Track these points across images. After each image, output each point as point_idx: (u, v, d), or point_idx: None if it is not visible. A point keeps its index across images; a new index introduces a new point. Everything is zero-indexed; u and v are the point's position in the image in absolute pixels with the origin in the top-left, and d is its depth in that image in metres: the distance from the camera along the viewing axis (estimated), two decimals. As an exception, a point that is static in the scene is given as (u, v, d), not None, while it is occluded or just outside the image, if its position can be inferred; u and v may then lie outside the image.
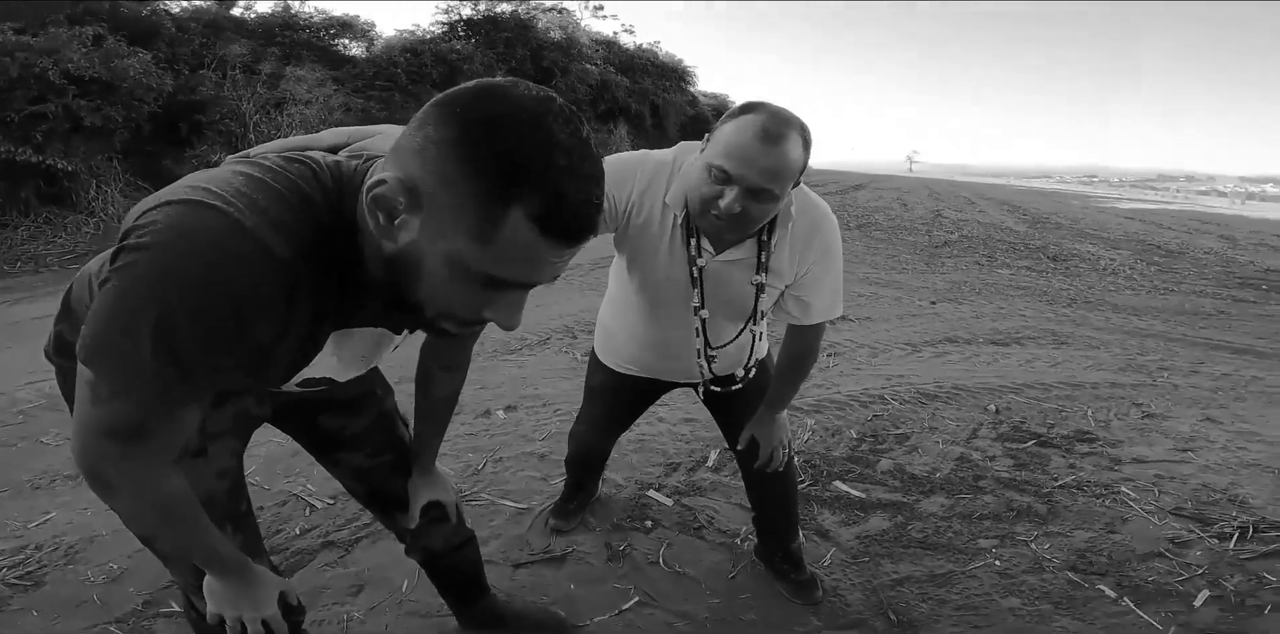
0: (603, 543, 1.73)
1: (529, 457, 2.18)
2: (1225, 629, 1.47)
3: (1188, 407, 2.83)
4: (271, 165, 0.60)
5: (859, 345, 3.68)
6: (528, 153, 0.51)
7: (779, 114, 0.96)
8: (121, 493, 0.66)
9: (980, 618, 1.52)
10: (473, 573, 1.34)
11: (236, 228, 0.53)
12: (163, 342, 0.53)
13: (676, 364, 1.31)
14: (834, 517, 1.89)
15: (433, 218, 0.54)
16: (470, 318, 0.61)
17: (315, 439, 1.05)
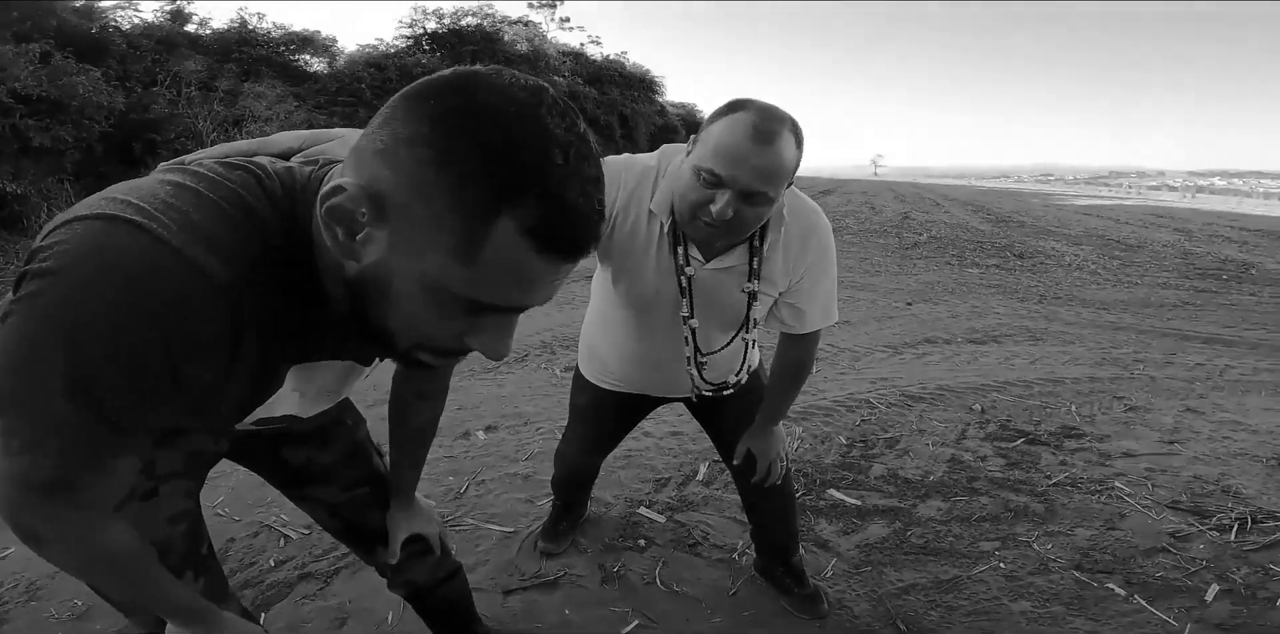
0: (596, 564, 1.65)
1: (513, 478, 2.09)
2: (1241, 623, 1.44)
3: (1167, 398, 2.85)
4: (208, 172, 0.50)
5: (840, 350, 3.66)
6: (518, 152, 0.42)
7: (769, 111, 0.90)
8: (54, 547, 0.57)
9: (992, 623, 1.48)
10: (462, 605, 1.24)
11: (160, 247, 0.43)
12: (79, 388, 0.44)
13: (666, 378, 1.24)
14: (831, 526, 1.84)
15: (403, 232, 0.44)
16: (451, 347, 0.52)
17: (281, 474, 0.96)
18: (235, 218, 0.48)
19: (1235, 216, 18.62)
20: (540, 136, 0.42)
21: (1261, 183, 54.85)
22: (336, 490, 0.97)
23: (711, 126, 0.93)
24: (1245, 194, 37.57)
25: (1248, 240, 11.74)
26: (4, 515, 0.53)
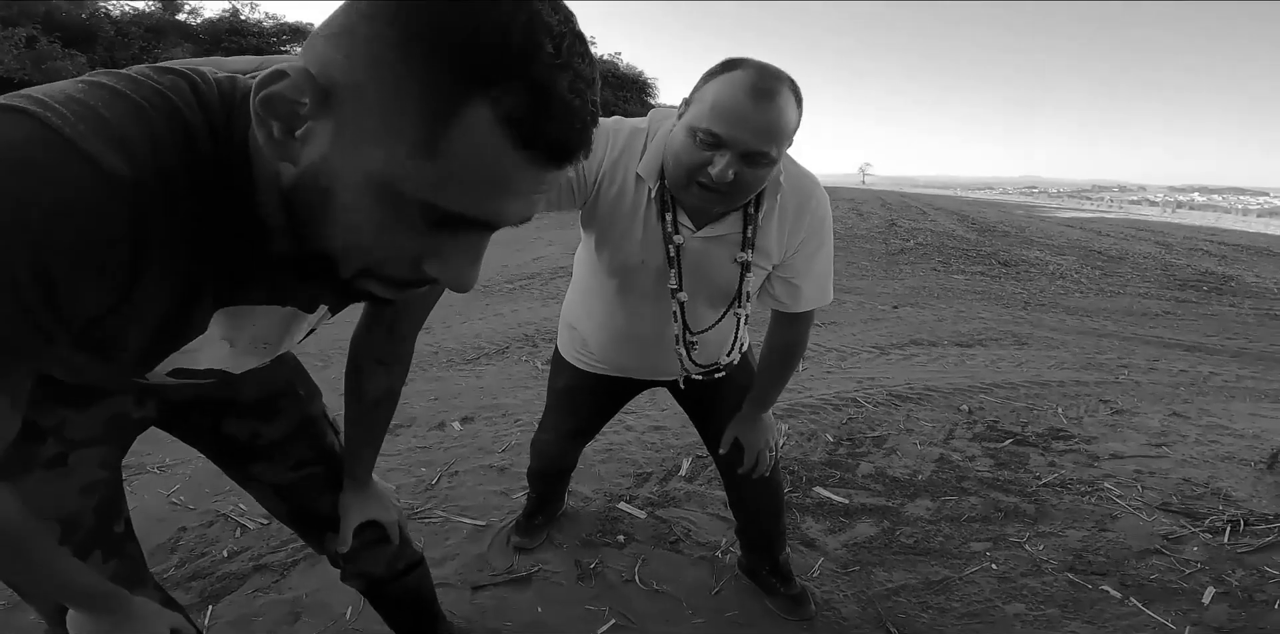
0: (572, 561, 1.57)
1: (488, 470, 2.00)
2: (1240, 626, 1.40)
3: (1152, 402, 2.83)
4: (133, 74, 0.43)
5: (827, 349, 3.62)
6: (502, 33, 0.35)
7: (767, 68, 0.85)
8: None
9: (986, 626, 1.42)
10: (423, 600, 1.15)
11: (50, 135, 0.36)
12: None
13: (650, 359, 1.17)
14: (818, 524, 1.77)
15: (353, 121, 0.37)
16: (403, 275, 0.44)
17: (222, 450, 0.86)
18: (154, 119, 0.40)
19: (1214, 231, 19.01)
20: (530, 21, 0.36)
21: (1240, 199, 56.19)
22: (284, 470, 0.87)
23: (706, 86, 0.86)
24: (1224, 210, 38.41)
25: (1226, 254, 11.97)
26: None
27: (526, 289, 5.12)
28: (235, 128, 0.44)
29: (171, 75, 0.44)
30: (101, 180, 0.37)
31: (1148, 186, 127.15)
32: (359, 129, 0.37)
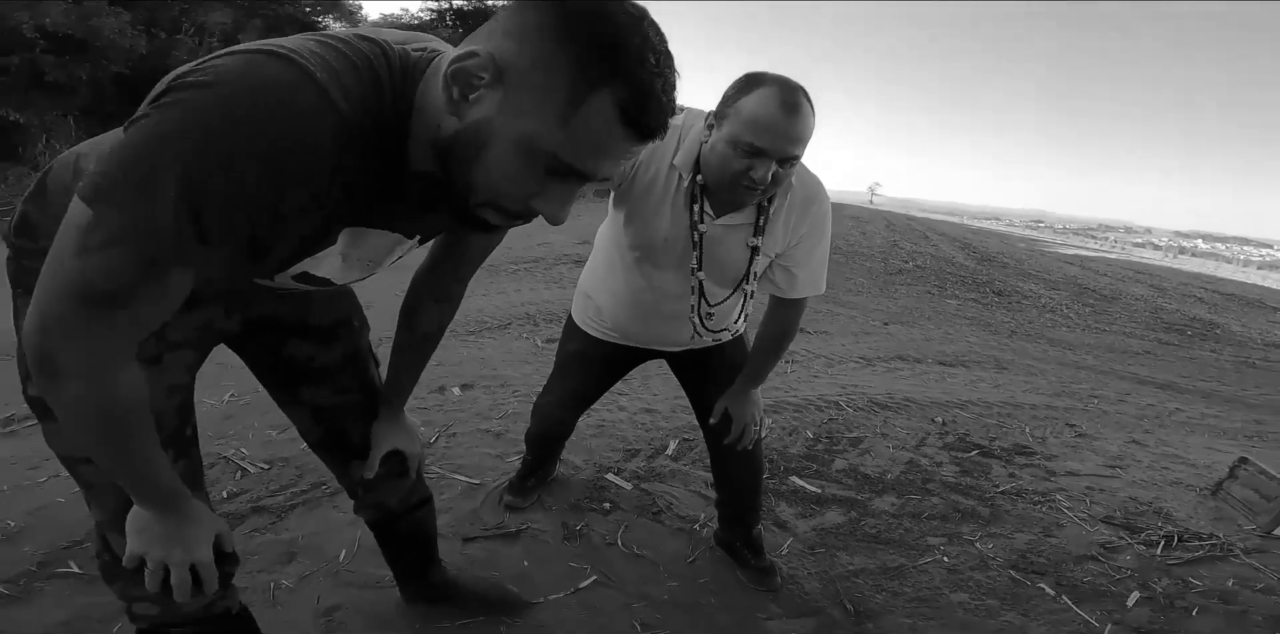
0: (559, 522, 1.70)
1: (484, 434, 2.13)
2: (1157, 629, 1.53)
3: (1115, 430, 2.98)
4: (347, 38, 0.58)
5: (816, 356, 3.76)
6: (625, 45, 0.52)
7: (788, 83, 0.99)
8: (68, 382, 0.56)
9: (932, 610, 1.55)
10: (425, 538, 1.26)
11: (307, 79, 0.51)
12: (189, 190, 0.48)
13: (656, 327, 1.31)
14: (791, 509, 1.91)
15: (515, 95, 0.53)
16: (518, 208, 0.60)
17: (278, 369, 0.96)
18: (364, 76, 0.56)
19: (1211, 279, 19.27)
20: (642, 42, 0.53)
21: (1244, 249, 56.53)
22: (329, 392, 0.98)
23: (739, 103, 1.01)
24: (1226, 259, 38.79)
25: (1218, 303, 12.18)
26: (32, 339, 0.54)
27: (531, 272, 5.26)
28: (406, 88, 0.59)
29: (369, 42, 0.59)
30: (335, 118, 0.52)
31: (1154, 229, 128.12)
32: (519, 100, 0.53)
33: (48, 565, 1.46)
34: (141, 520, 0.71)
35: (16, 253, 0.72)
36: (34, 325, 0.54)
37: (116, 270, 0.52)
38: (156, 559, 0.72)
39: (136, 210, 0.49)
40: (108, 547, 0.78)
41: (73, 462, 0.75)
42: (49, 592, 1.38)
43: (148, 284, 0.53)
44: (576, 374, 1.50)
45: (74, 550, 1.51)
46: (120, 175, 0.49)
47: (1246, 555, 1.86)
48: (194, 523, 0.73)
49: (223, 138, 0.48)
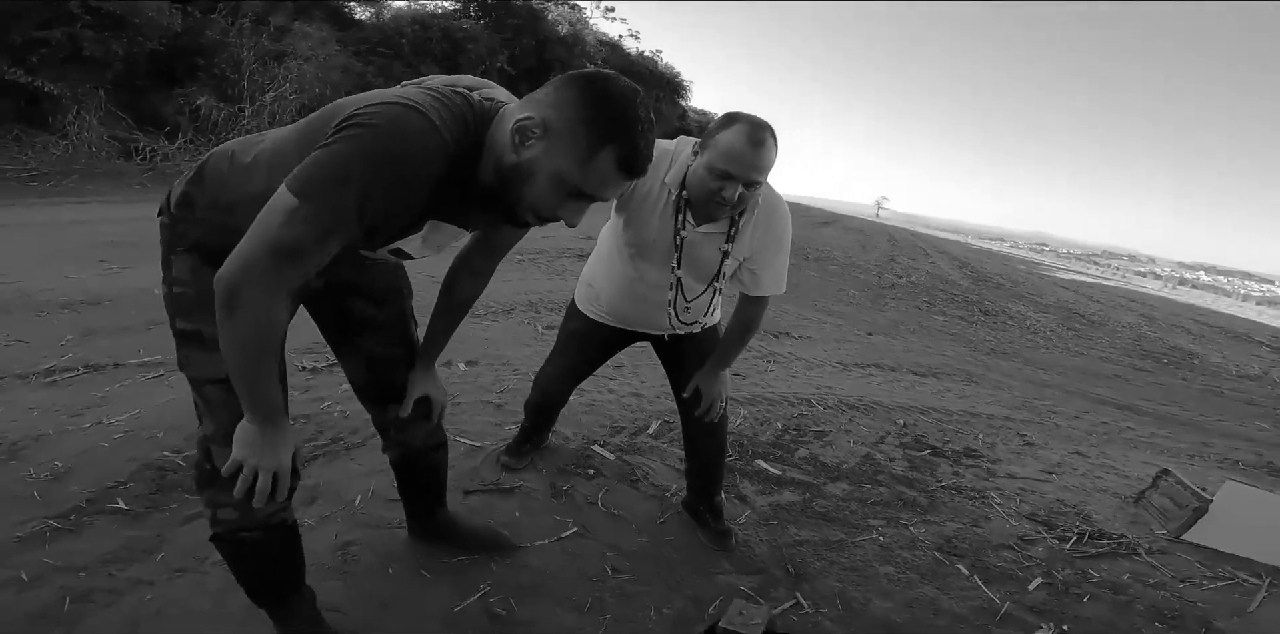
0: (549, 483, 1.96)
1: (486, 404, 2.39)
2: (1048, 609, 1.77)
3: (1062, 442, 3.24)
4: (448, 94, 0.87)
5: (797, 358, 4.02)
6: (623, 118, 0.83)
7: (757, 122, 1.26)
8: (244, 307, 0.81)
9: (861, 578, 1.80)
10: (438, 479, 1.51)
11: (432, 126, 0.81)
12: (362, 193, 0.78)
13: (644, 312, 1.58)
14: (753, 487, 2.17)
15: (553, 146, 0.84)
16: (548, 215, 0.89)
17: (342, 321, 1.21)
18: (459, 121, 0.85)
19: (1204, 312, 19.50)
20: (634, 116, 0.84)
21: (1245, 283, 56.42)
22: (380, 345, 1.24)
23: (717, 136, 1.27)
24: (1226, 292, 38.91)
25: (1204, 334, 12.41)
26: (229, 280, 0.79)
27: (535, 263, 5.52)
28: (480, 129, 0.88)
29: (460, 97, 0.88)
30: (443, 150, 0.81)
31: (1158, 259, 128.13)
32: (555, 150, 0.83)
33: (95, 502, 1.66)
34: (247, 433, 0.95)
35: (174, 220, 0.99)
36: (236, 268, 0.80)
37: (304, 237, 0.79)
38: (252, 465, 0.95)
39: (328, 202, 0.78)
40: (209, 458, 1.02)
41: (202, 382, 1.00)
42: (97, 526, 1.58)
43: (318, 248, 0.81)
44: (574, 350, 1.77)
45: (118, 489, 1.72)
46: (320, 179, 0.78)
47: (1148, 555, 2.12)
48: (284, 436, 0.97)
49: (384, 162, 0.78)
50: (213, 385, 0.99)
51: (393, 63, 11.16)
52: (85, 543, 1.52)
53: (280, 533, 1.11)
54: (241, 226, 0.85)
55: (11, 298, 3.27)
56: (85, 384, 2.40)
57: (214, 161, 0.98)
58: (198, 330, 0.97)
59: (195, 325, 0.98)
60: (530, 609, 1.47)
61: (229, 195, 0.94)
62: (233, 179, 0.95)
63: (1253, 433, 4.51)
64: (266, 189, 0.84)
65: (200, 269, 0.96)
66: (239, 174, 0.94)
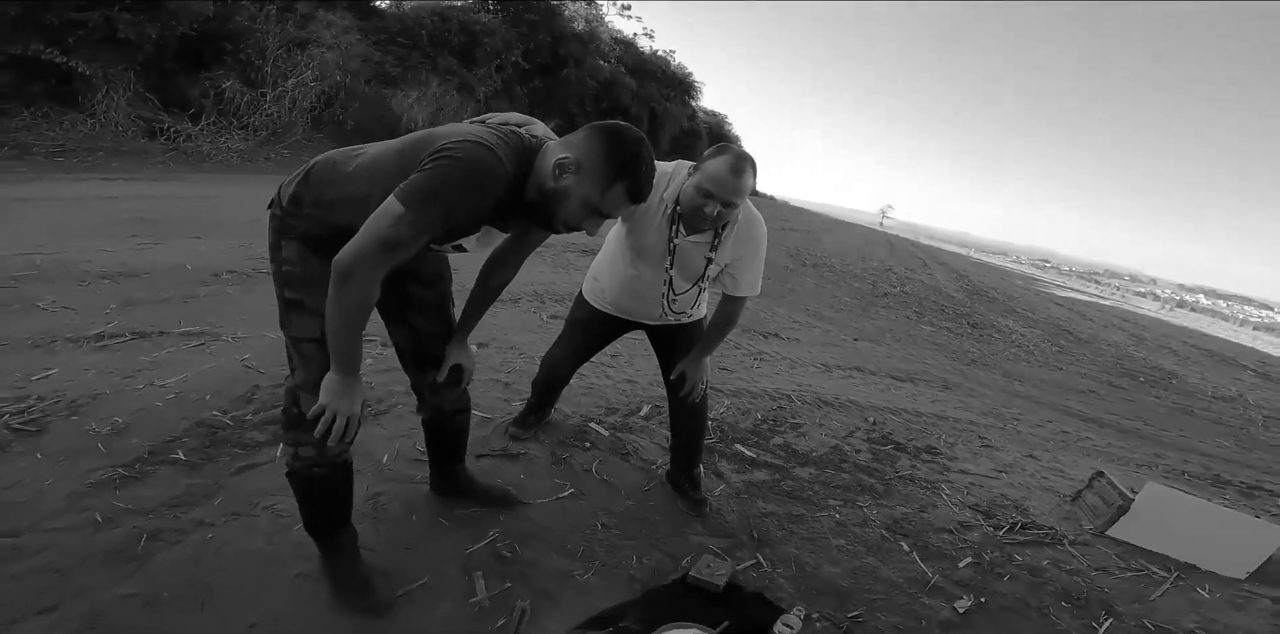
0: (550, 452, 2.24)
1: (495, 383, 2.67)
2: (971, 583, 2.01)
3: (1019, 446, 3.52)
4: (507, 132, 1.17)
5: (783, 358, 4.29)
6: (633, 161, 1.16)
7: (740, 154, 1.55)
8: (353, 283, 1.09)
9: (815, 547, 2.07)
10: (461, 438, 1.80)
11: (498, 159, 1.10)
12: (447, 203, 1.07)
13: (641, 304, 1.86)
14: (729, 466, 2.45)
15: (582, 179, 1.16)
16: (575, 226, 1.19)
17: (398, 300, 1.50)
18: (515, 155, 1.14)
19: (1195, 334, 19.70)
20: (643, 158, 1.13)
21: (1244, 308, 56.22)
22: (424, 320, 1.53)
23: (707, 163, 1.56)
24: (1223, 316, 39.01)
25: (1190, 356, 12.62)
26: (346, 260, 1.07)
27: (541, 256, 5.80)
28: (529, 160, 1.16)
29: (515, 135, 1.17)
30: (505, 179, 1.10)
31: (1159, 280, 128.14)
32: (583, 182, 1.14)
33: (156, 454, 1.91)
34: (332, 383, 1.22)
35: (284, 214, 1.27)
36: (352, 254, 1.07)
37: (404, 236, 1.07)
38: (333, 409, 1.22)
39: (424, 212, 1.06)
40: (296, 403, 1.30)
41: (301, 341, 1.27)
42: (160, 475, 1.82)
43: (412, 244, 1.09)
44: (579, 335, 2.06)
45: (175, 443, 1.97)
46: (420, 195, 1.06)
47: (1071, 546, 2.37)
48: (359, 388, 1.25)
49: (464, 187, 1.07)
50: (309, 343, 1.27)
51: (411, 53, 11.42)
52: (151, 489, 1.76)
53: (342, 471, 1.39)
54: (339, 221, 1.16)
55: (53, 268, 3.54)
56: (133, 349, 2.66)
57: (319, 168, 1.25)
58: (300, 299, 1.26)
59: (299, 296, 1.26)
60: (531, 553, 1.75)
61: (331, 194, 1.22)
62: (335, 183, 1.22)
63: (1210, 449, 4.78)
64: (365, 194, 1.14)
65: (305, 253, 1.24)
66: (341, 180, 1.22)
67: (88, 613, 1.34)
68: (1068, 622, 1.90)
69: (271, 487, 1.82)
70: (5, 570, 1.41)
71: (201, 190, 6.58)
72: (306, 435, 1.28)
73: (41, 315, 2.88)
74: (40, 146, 7.11)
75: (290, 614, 1.42)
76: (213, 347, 2.78)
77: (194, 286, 3.57)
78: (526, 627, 1.48)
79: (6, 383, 2.21)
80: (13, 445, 1.85)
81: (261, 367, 2.59)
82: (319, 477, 1.35)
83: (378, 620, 1.44)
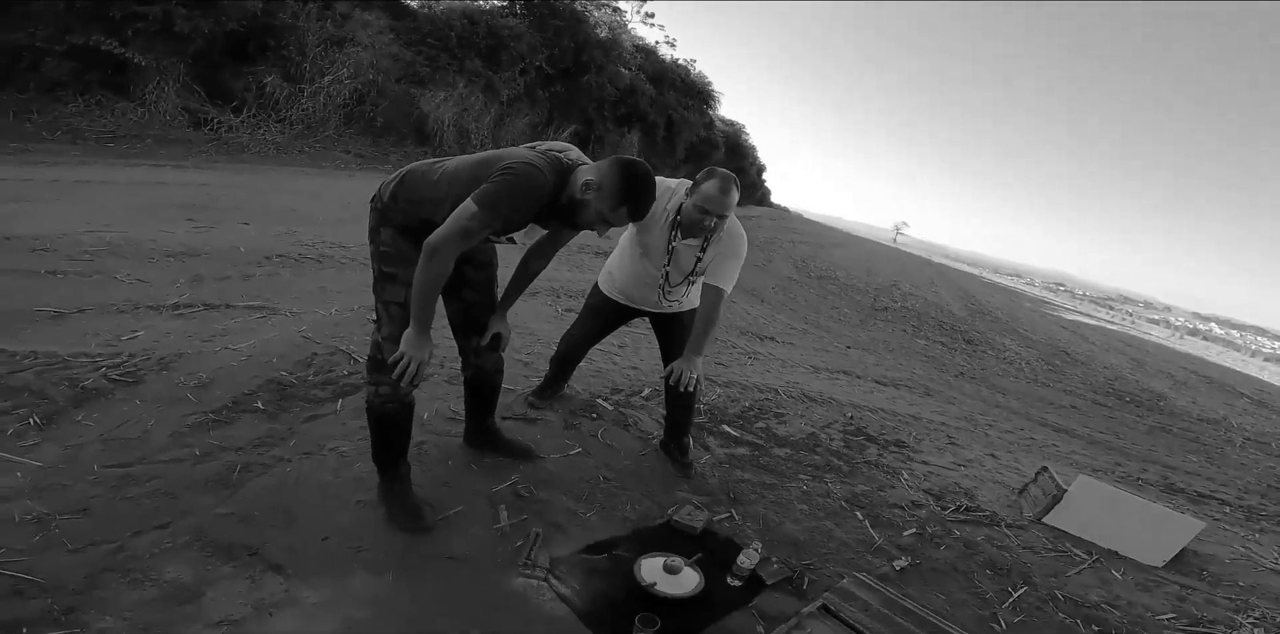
0: (562, 419, 2.63)
1: (517, 362, 3.07)
2: (910, 548, 2.36)
3: (984, 446, 3.87)
4: (552, 157, 1.57)
5: (775, 359, 4.67)
6: (637, 193, 1.57)
7: (725, 176, 1.96)
8: (438, 259, 1.50)
9: (781, 509, 2.44)
10: (494, 395, 2.19)
11: (544, 177, 1.51)
12: (508, 207, 1.47)
13: (645, 293, 2.27)
14: (715, 442, 2.83)
15: (600, 196, 1.56)
16: (589, 228, 1.59)
17: (457, 278, 1.87)
18: (556, 174, 1.55)
19: (1199, 362, 19.66)
20: (646, 189, 1.55)
21: (1258, 339, 55.16)
22: (475, 295, 1.94)
23: (702, 186, 1.97)
24: (1235, 346, 38.63)
25: (1188, 381, 12.65)
26: (435, 241, 1.48)
27: (559, 256, 6.20)
28: (566, 177, 1.58)
29: (558, 158, 1.59)
30: (548, 191, 1.53)
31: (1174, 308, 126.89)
32: (600, 199, 1.57)
33: (238, 404, 2.29)
34: (411, 337, 1.62)
35: (384, 208, 1.70)
36: (439, 238, 1.49)
37: (475, 227, 1.48)
38: (409, 356, 1.61)
39: (490, 210, 1.47)
40: (379, 351, 1.70)
41: (389, 303, 1.67)
42: (244, 420, 2.20)
43: (480, 233, 1.50)
44: (593, 317, 2.48)
45: (253, 396, 2.36)
46: (488, 199, 1.47)
47: (1007, 528, 2.71)
48: (429, 342, 1.64)
49: (519, 196, 1.48)
50: (396, 306, 1.68)
51: (440, 54, 11.88)
52: (237, 431, 2.15)
53: (408, 409, 1.79)
54: (423, 215, 1.60)
55: (123, 244, 3.97)
56: (206, 318, 3.07)
57: (411, 175, 1.69)
58: (394, 273, 1.67)
59: (394, 270, 1.67)
60: (545, 495, 2.13)
61: (419, 194, 1.65)
62: (423, 187, 1.65)
63: (1176, 462, 5.09)
64: (445, 196, 1.57)
65: (398, 238, 1.67)
66: (428, 184, 1.65)
67: (195, 527, 1.66)
68: (987, 585, 2.24)
69: (334, 433, 2.22)
70: (124, 493, 1.76)
71: (242, 180, 7.02)
72: (386, 377, 1.67)
73: (121, 286, 3.30)
74: (92, 132, 7.59)
75: (355, 530, 1.78)
76: (273, 319, 3.19)
77: (249, 267, 3.99)
78: (539, 548, 1.86)
79: (101, 340, 2.62)
80: (115, 393, 2.24)
81: (317, 338, 2.98)
82: (391, 412, 1.75)
83: (424, 537, 1.81)
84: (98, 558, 1.52)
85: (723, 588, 1.84)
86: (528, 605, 1.63)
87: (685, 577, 1.78)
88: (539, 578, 1.70)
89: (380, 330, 1.70)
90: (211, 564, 1.56)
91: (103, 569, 1.49)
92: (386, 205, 1.68)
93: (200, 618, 1.41)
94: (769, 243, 15.22)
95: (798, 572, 2.01)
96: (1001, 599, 2.16)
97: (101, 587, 1.44)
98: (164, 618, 1.39)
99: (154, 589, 1.46)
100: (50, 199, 4.77)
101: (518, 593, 1.66)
